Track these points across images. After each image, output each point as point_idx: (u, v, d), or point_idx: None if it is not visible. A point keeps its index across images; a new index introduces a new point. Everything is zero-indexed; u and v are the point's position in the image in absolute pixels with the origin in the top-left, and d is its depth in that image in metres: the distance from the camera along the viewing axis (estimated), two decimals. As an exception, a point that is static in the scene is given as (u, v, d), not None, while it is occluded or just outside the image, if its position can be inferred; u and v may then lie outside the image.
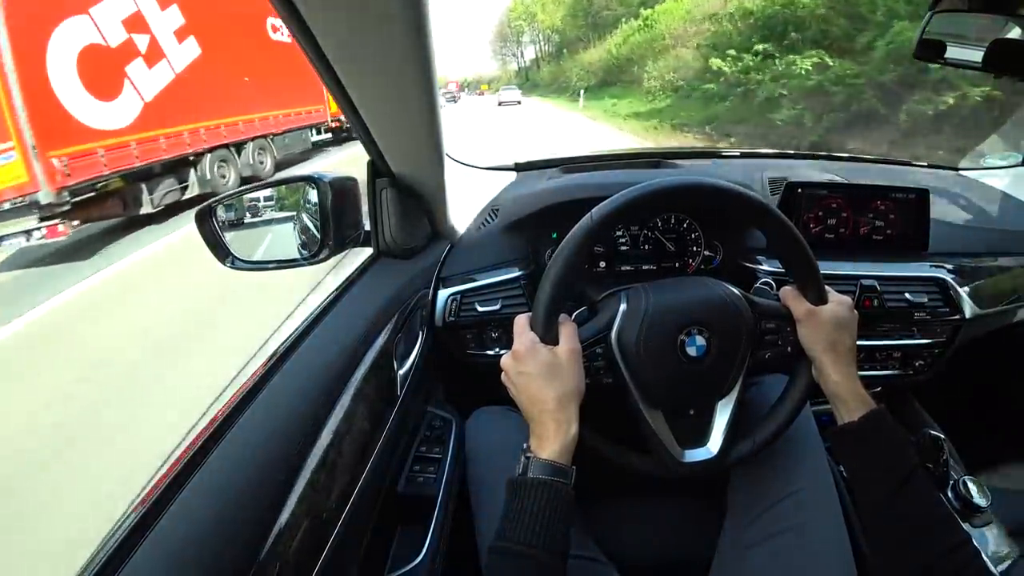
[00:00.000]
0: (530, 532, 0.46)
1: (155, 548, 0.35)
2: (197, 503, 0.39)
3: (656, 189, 0.55)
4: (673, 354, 0.55)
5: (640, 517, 0.78)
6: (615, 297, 0.60)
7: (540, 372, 0.51)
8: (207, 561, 0.36)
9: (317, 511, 0.47)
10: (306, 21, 0.41)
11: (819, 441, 0.68)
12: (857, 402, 0.55)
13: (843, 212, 0.93)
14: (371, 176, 0.73)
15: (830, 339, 0.57)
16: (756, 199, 0.57)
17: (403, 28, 0.42)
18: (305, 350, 0.58)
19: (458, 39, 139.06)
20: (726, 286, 0.59)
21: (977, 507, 0.71)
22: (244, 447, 0.44)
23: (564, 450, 0.50)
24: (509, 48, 78.38)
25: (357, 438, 0.57)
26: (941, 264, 0.91)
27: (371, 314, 0.66)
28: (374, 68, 0.48)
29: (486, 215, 0.96)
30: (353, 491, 0.53)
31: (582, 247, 0.54)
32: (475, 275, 0.87)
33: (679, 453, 0.57)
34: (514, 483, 0.50)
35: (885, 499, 0.51)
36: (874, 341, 0.90)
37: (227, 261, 0.73)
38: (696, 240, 0.94)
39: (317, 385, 0.53)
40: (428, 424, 0.79)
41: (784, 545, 0.59)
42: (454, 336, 0.87)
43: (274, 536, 0.40)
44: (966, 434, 0.95)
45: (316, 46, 0.44)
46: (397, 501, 0.67)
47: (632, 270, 0.95)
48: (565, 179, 1.01)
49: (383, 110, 0.58)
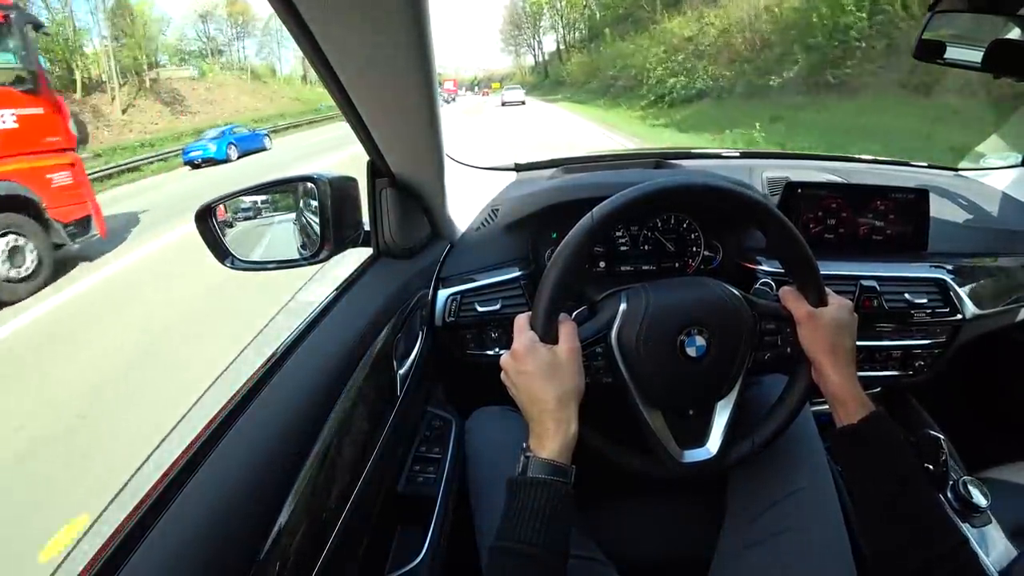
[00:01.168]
0: (530, 531, 0.46)
1: (155, 548, 0.35)
2: (197, 503, 0.39)
3: (659, 188, 0.55)
4: (673, 354, 0.55)
5: (640, 517, 0.78)
6: (615, 297, 0.60)
7: (540, 371, 0.51)
8: (207, 561, 0.36)
9: (317, 511, 0.47)
10: (306, 21, 0.41)
11: (819, 441, 0.68)
12: (856, 404, 0.55)
13: (843, 212, 0.93)
14: (371, 176, 0.73)
15: (830, 341, 0.56)
16: (758, 199, 0.57)
17: (403, 28, 0.42)
18: (305, 350, 0.58)
19: (467, 33, 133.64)
20: (727, 287, 0.59)
21: (977, 507, 0.70)
22: (244, 447, 0.44)
23: (564, 449, 0.50)
24: (524, 37, 64.01)
25: (357, 438, 0.56)
26: (941, 264, 0.91)
27: (371, 314, 0.66)
28: (374, 68, 0.48)
29: (486, 215, 0.96)
30: (353, 491, 0.53)
31: (583, 246, 0.54)
32: (475, 275, 0.88)
33: (678, 453, 0.57)
34: (514, 482, 0.49)
35: (884, 501, 0.51)
36: (874, 341, 0.90)
37: (226, 261, 0.73)
38: (696, 240, 0.94)
39: (317, 385, 0.53)
40: (428, 424, 0.79)
41: (784, 545, 0.59)
42: (454, 336, 0.87)
43: (274, 536, 0.40)
44: (966, 434, 0.95)
45: (316, 46, 0.44)
46: (397, 501, 0.67)
47: (632, 270, 0.95)
48: (565, 179, 1.01)
49: (383, 110, 0.58)
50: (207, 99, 30.16)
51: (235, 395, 0.50)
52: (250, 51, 48.48)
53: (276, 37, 47.15)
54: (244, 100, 33.01)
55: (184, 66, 35.90)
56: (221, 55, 44.28)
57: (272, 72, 46.53)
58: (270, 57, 49.58)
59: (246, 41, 47.62)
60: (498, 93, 40.38)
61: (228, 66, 42.13)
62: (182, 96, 28.54)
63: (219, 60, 42.83)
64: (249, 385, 0.51)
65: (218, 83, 33.70)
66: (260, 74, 42.72)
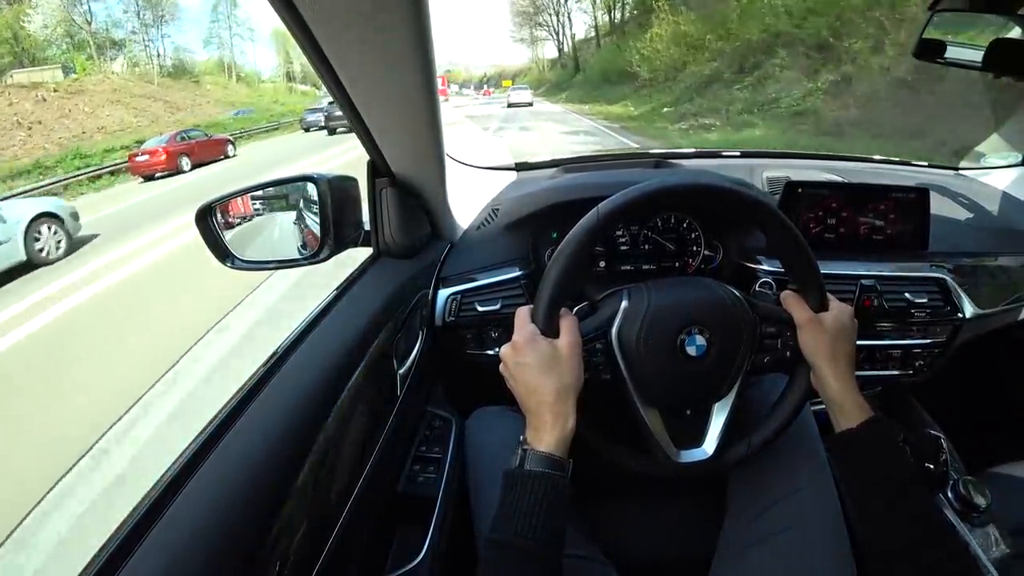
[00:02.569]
0: (526, 525, 0.45)
1: (155, 548, 0.35)
2: (197, 503, 0.39)
3: (663, 187, 0.55)
4: (672, 353, 0.55)
5: (639, 516, 0.78)
6: (617, 294, 0.60)
7: (539, 364, 0.51)
8: (207, 561, 0.36)
9: (317, 511, 0.47)
10: (306, 21, 0.41)
11: (819, 441, 0.68)
12: (856, 409, 0.55)
13: (843, 212, 0.93)
14: (371, 176, 0.73)
15: (831, 347, 0.56)
16: (761, 199, 0.57)
17: (403, 27, 0.42)
18: (305, 350, 0.58)
19: (478, 27, 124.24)
20: (729, 288, 0.59)
21: (977, 507, 0.71)
22: (243, 447, 0.44)
23: (561, 443, 0.50)
24: (546, 17, 45.95)
25: (357, 438, 0.57)
26: (941, 264, 0.91)
27: (371, 314, 0.66)
28: (374, 67, 0.48)
29: (486, 215, 0.96)
30: (353, 491, 0.53)
31: (586, 243, 0.54)
32: (475, 275, 0.87)
33: (675, 453, 0.57)
34: (510, 475, 0.49)
35: (882, 506, 0.51)
36: (874, 341, 0.90)
37: (227, 261, 0.73)
38: (696, 240, 0.94)
39: (317, 385, 0.53)
40: (428, 424, 0.79)
41: (784, 544, 0.59)
42: (454, 336, 0.87)
43: (274, 536, 0.40)
44: (966, 434, 0.95)
45: (316, 45, 0.44)
46: (397, 501, 0.67)
47: (632, 270, 0.95)
48: (565, 179, 1.01)
49: (383, 110, 0.58)
50: (60, 113, 20.54)
51: (235, 395, 0.50)
52: (190, 41, 38.60)
53: (226, 23, 37.69)
54: (115, 115, 22.41)
55: (48, 66, 25.16)
56: (122, 48, 33.07)
57: (222, 68, 37.16)
58: (223, 50, 39.20)
59: (170, 27, 36.58)
60: (505, 93, 31.50)
61: (134, 62, 31.98)
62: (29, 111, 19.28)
63: (124, 53, 32.05)
64: (249, 385, 0.51)
65: (76, 90, 22.72)
66: (198, 71, 32.75)
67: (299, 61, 47.04)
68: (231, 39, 39.80)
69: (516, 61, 77.25)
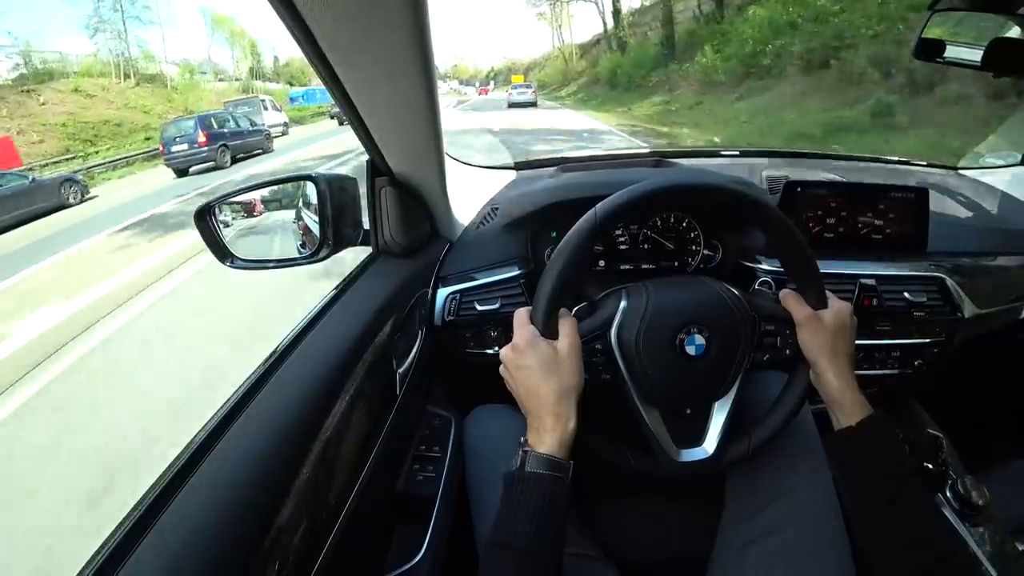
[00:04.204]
0: (526, 526, 0.46)
1: (154, 548, 0.35)
2: (196, 502, 0.39)
3: (662, 186, 0.55)
4: (672, 352, 0.55)
5: (639, 515, 0.78)
6: (616, 294, 0.60)
7: (539, 365, 0.51)
8: (206, 560, 0.36)
9: (316, 510, 0.47)
10: (305, 20, 0.41)
11: (818, 439, 0.68)
12: (855, 407, 0.55)
13: (842, 211, 0.93)
14: (370, 175, 0.73)
15: (830, 345, 0.56)
16: (760, 199, 0.57)
17: (402, 26, 0.42)
18: (304, 349, 0.58)
19: (488, 17, 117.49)
20: (728, 287, 0.59)
21: (976, 506, 0.70)
22: (243, 446, 0.44)
23: (562, 444, 0.50)
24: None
25: (356, 437, 0.57)
26: (940, 263, 0.91)
27: (370, 313, 0.66)
28: (373, 66, 0.48)
29: (485, 214, 0.96)
30: (352, 490, 0.53)
31: (585, 243, 0.54)
32: (474, 274, 0.87)
33: (675, 452, 0.57)
34: (511, 477, 0.49)
35: (882, 504, 0.51)
36: (873, 340, 0.90)
37: (226, 260, 0.73)
38: (695, 239, 0.94)
39: (316, 384, 0.53)
40: (427, 423, 0.79)
41: (783, 543, 0.59)
42: (453, 335, 0.87)
43: (273, 535, 0.40)
44: (966, 434, 0.95)
45: (315, 44, 0.44)
46: (396, 500, 0.67)
47: (631, 269, 0.95)
48: (565, 178, 1.01)
49: (382, 109, 0.58)
50: None
51: (234, 394, 0.50)
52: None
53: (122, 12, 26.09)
54: None
55: None
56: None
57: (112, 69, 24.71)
58: (105, 46, 27.70)
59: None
60: (506, 91, 27.26)
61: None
62: None
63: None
64: (248, 384, 0.51)
65: None
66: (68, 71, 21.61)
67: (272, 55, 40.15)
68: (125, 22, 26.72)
69: (531, 53, 65.38)
